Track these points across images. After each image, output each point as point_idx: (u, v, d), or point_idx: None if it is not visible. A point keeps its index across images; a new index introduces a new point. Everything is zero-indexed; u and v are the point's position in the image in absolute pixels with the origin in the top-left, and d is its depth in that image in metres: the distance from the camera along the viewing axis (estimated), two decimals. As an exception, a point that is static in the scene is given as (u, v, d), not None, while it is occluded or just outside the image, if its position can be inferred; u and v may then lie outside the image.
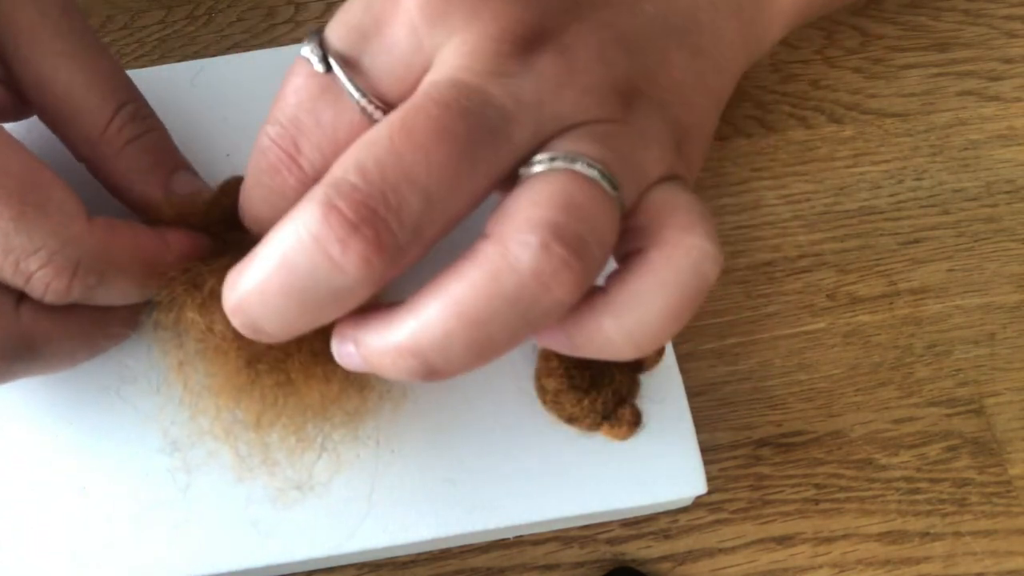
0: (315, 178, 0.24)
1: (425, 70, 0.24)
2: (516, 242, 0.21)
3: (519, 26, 0.24)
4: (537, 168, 0.22)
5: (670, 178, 0.25)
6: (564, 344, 0.24)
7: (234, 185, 0.29)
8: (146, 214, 0.29)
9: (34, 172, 0.25)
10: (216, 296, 0.26)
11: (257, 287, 0.22)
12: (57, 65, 0.28)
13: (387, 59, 0.24)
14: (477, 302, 0.21)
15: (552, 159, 0.22)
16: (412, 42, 0.24)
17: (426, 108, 0.22)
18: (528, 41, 0.24)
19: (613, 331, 0.23)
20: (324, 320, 0.23)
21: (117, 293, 0.27)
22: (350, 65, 0.24)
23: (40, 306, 0.26)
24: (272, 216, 0.25)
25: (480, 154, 0.22)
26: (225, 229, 0.29)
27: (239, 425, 0.27)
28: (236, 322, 0.24)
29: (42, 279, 0.25)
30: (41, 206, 0.25)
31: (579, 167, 0.22)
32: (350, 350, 0.24)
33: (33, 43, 0.27)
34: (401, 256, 0.22)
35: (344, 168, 0.22)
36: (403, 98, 0.24)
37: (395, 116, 0.23)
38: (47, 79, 0.27)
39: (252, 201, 0.26)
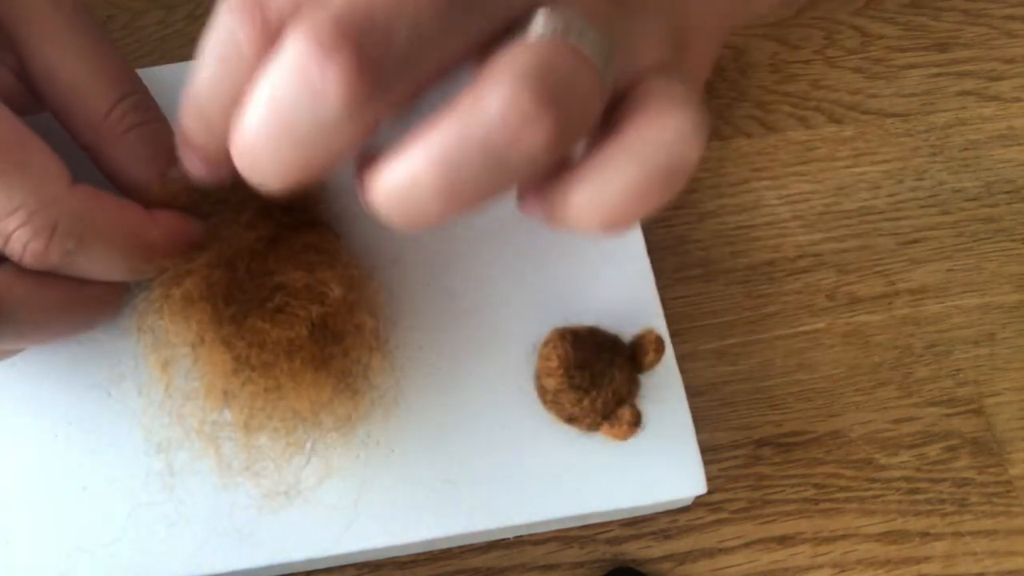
0: (279, 21, 0.21)
1: None
2: (489, 89, 0.20)
3: None
4: (532, 27, 0.21)
5: (665, 71, 0.24)
6: (542, 214, 0.24)
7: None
8: (140, 202, 0.29)
9: (17, 133, 0.25)
10: (195, 299, 0.26)
11: (251, 130, 0.21)
12: (66, 55, 0.28)
13: None
14: (446, 148, 0.20)
15: (543, 23, 0.21)
16: None
17: None
18: None
19: (580, 200, 0.23)
20: (323, 160, 0.21)
21: (98, 262, 0.26)
22: None
23: (19, 271, 0.26)
24: (233, 88, 0.22)
25: None
26: (213, 205, 0.29)
27: (228, 428, 0.27)
28: (243, 171, 0.22)
29: (20, 239, 0.25)
30: (22, 165, 0.25)
31: (569, 34, 0.21)
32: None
33: (44, 34, 0.27)
34: (386, 87, 0.20)
35: None
36: None
37: None
38: (55, 68, 0.28)
39: (205, 80, 0.23)
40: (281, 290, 0.28)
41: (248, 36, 0.21)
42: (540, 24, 0.21)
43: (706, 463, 0.31)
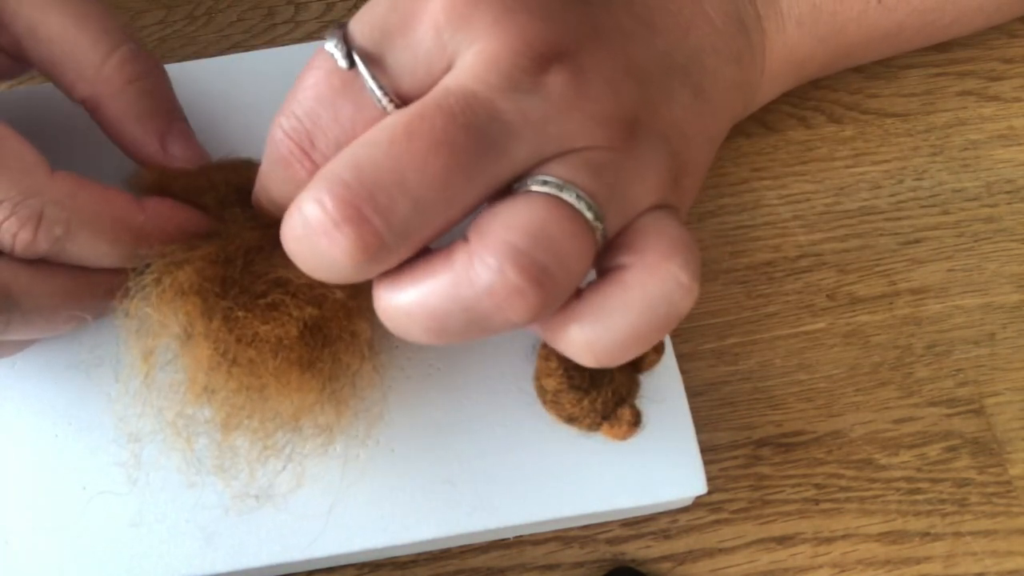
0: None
1: (444, 72, 0.24)
2: (480, 259, 0.22)
3: (539, 42, 0.24)
4: (529, 186, 0.23)
5: (663, 207, 0.26)
6: (536, 331, 0.26)
7: (233, 163, 0.29)
8: (140, 161, 0.29)
9: None
10: (186, 291, 0.26)
11: (286, 244, 0.24)
12: (46, 11, 0.28)
13: (409, 58, 0.24)
14: (438, 300, 0.23)
15: (544, 182, 0.23)
16: (435, 43, 0.24)
17: (431, 116, 0.23)
18: (545, 57, 0.24)
19: (576, 336, 0.24)
20: (341, 281, 0.24)
21: (88, 248, 0.27)
22: (373, 62, 0.24)
23: (20, 261, 0.26)
24: (284, 202, 0.25)
25: (477, 167, 0.23)
26: (220, 205, 0.29)
27: (205, 425, 0.27)
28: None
29: (8, 230, 0.25)
30: None
31: (566, 195, 0.23)
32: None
33: None
34: (387, 254, 0.23)
35: (342, 163, 0.23)
36: (423, 94, 0.24)
37: (400, 118, 0.23)
38: (37, 24, 0.28)
39: (267, 187, 0.27)
40: (280, 287, 0.27)
41: (299, 167, 0.25)
42: (540, 180, 0.23)
43: (706, 463, 0.31)
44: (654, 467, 0.30)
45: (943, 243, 0.38)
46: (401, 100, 0.24)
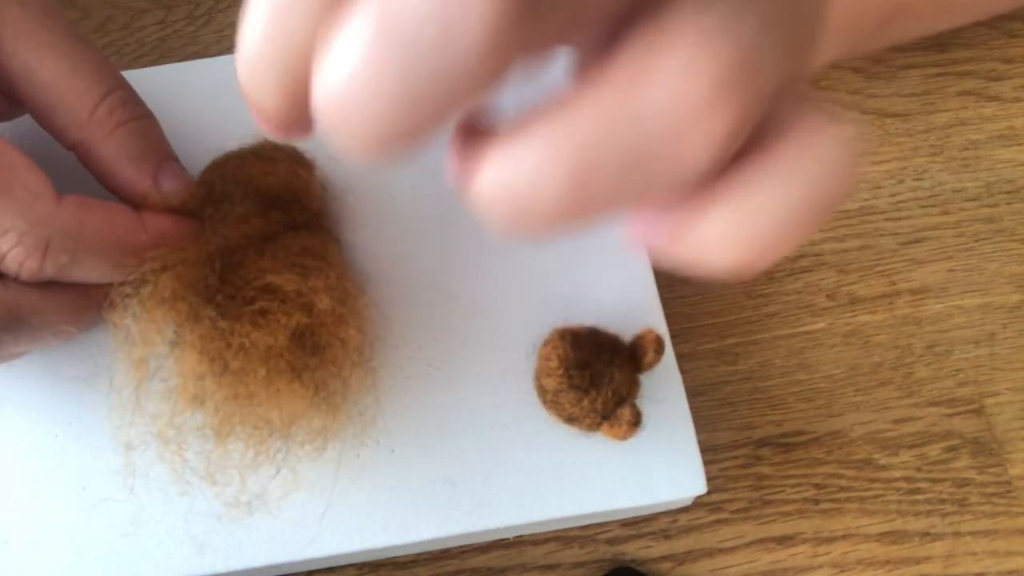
0: None
1: None
2: (662, 53, 0.15)
3: None
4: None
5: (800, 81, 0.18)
6: (657, 243, 0.18)
7: (218, 162, 0.29)
8: (132, 202, 0.29)
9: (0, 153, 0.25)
10: (167, 298, 0.27)
11: (350, 68, 0.14)
12: (43, 54, 0.28)
13: None
14: (590, 133, 0.15)
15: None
16: None
17: None
18: None
19: (717, 229, 0.17)
20: (441, 113, 0.15)
21: (92, 271, 0.27)
22: None
23: (26, 283, 0.26)
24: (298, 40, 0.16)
25: None
26: (205, 205, 0.29)
27: (197, 432, 0.27)
28: (330, 131, 0.15)
29: (15, 259, 0.25)
30: (6, 187, 0.25)
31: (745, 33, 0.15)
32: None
33: (17, 36, 0.27)
34: (542, 9, 0.15)
35: None
36: None
37: None
38: (33, 69, 0.28)
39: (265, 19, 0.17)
40: (269, 293, 0.27)
41: None
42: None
43: (706, 463, 0.31)
44: (654, 467, 0.30)
45: (943, 243, 0.38)
46: None
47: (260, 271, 0.28)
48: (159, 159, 0.29)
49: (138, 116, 0.29)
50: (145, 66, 0.36)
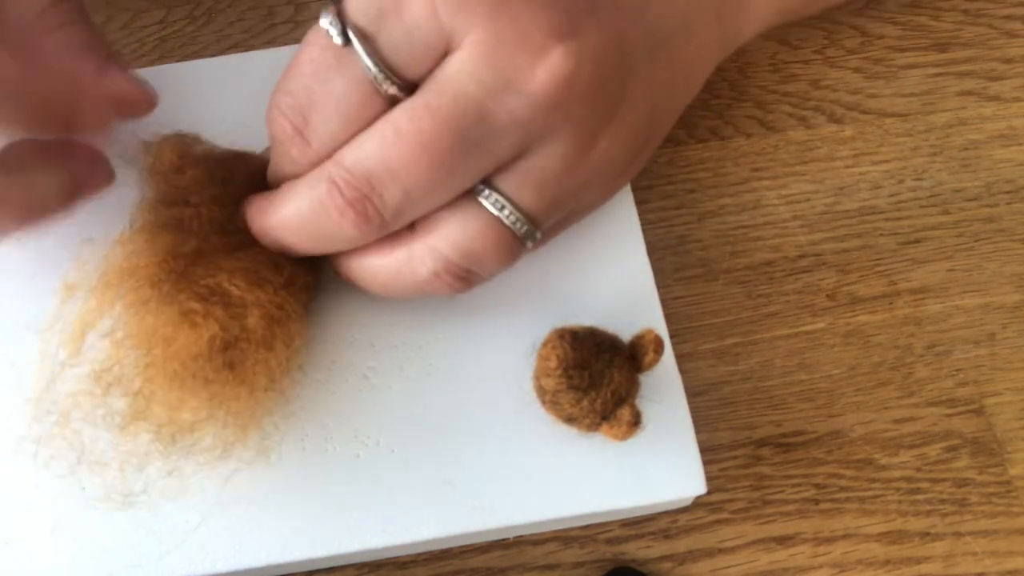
0: (319, 149, 0.27)
1: (441, 53, 0.25)
2: (420, 260, 0.28)
3: (536, 30, 0.25)
4: (478, 195, 0.27)
5: None
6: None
7: (226, 154, 0.31)
8: (78, 95, 0.28)
9: None
10: (126, 279, 0.27)
11: (279, 223, 0.28)
12: None
13: (404, 37, 0.25)
14: (387, 274, 0.29)
15: (492, 199, 0.27)
16: (432, 25, 0.25)
17: (420, 118, 0.25)
18: (540, 47, 0.25)
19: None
20: (333, 249, 0.29)
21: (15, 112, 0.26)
22: (367, 39, 0.25)
23: None
24: (284, 177, 0.28)
25: (461, 165, 0.26)
26: (198, 186, 0.30)
27: (104, 419, 0.28)
28: (262, 241, 0.29)
29: None
30: None
31: (505, 216, 0.27)
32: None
33: None
34: (388, 226, 0.27)
35: (346, 155, 0.26)
36: (417, 76, 0.26)
37: (395, 115, 0.25)
38: None
39: (272, 164, 0.29)
40: (215, 295, 0.28)
41: (291, 147, 0.27)
42: (486, 199, 0.27)
43: (706, 463, 0.31)
44: (654, 467, 0.30)
45: (943, 243, 0.38)
46: (396, 76, 0.26)
47: (218, 269, 0.28)
48: (104, 54, 0.29)
49: (81, 20, 0.30)
50: (145, 66, 0.36)
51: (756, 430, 0.35)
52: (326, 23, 0.26)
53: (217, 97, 0.35)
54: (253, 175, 0.30)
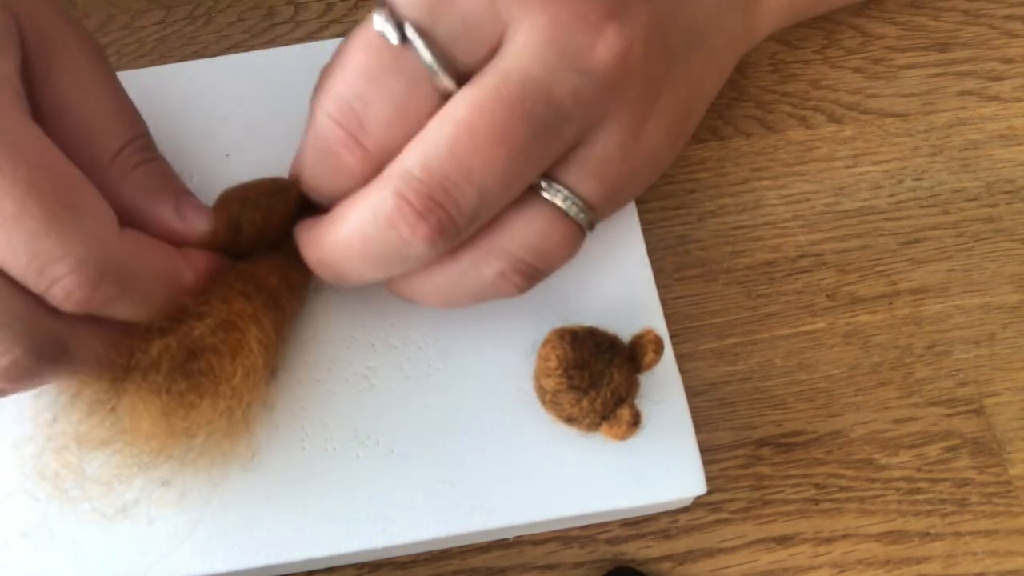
0: (378, 156, 0.26)
1: (498, 40, 0.25)
2: (486, 263, 0.27)
3: (591, 11, 0.25)
4: (541, 192, 0.27)
5: None
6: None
7: (232, 195, 0.29)
8: (159, 234, 0.28)
9: (70, 174, 0.24)
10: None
11: (339, 250, 0.27)
12: (85, 94, 0.27)
13: (461, 28, 0.25)
14: (449, 286, 0.28)
15: (556, 190, 0.27)
16: (488, 13, 0.25)
17: (491, 109, 0.24)
18: (598, 26, 0.25)
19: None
20: (404, 271, 0.28)
21: (132, 308, 0.26)
22: (425, 35, 0.25)
23: (74, 315, 0.25)
24: (333, 191, 0.27)
25: (535, 152, 0.25)
26: (230, 238, 0.29)
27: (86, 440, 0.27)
28: (320, 273, 0.28)
29: (65, 286, 0.24)
30: (74, 209, 0.23)
31: (568, 207, 0.27)
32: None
33: (66, 67, 0.27)
34: (460, 235, 0.26)
35: (412, 162, 0.25)
36: (476, 67, 0.25)
37: (461, 111, 0.25)
38: (71, 105, 0.27)
39: (313, 180, 0.27)
40: (204, 306, 0.27)
41: (348, 155, 0.26)
42: (550, 193, 0.27)
43: (706, 463, 0.31)
44: (654, 467, 0.30)
45: (943, 243, 0.38)
46: (455, 71, 0.25)
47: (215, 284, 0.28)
48: (176, 192, 0.29)
49: (154, 158, 0.29)
50: (145, 66, 0.36)
51: (756, 430, 0.35)
52: (380, 23, 0.25)
53: (217, 97, 0.35)
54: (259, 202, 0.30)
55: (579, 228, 0.28)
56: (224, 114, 0.34)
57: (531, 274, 0.28)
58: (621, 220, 0.34)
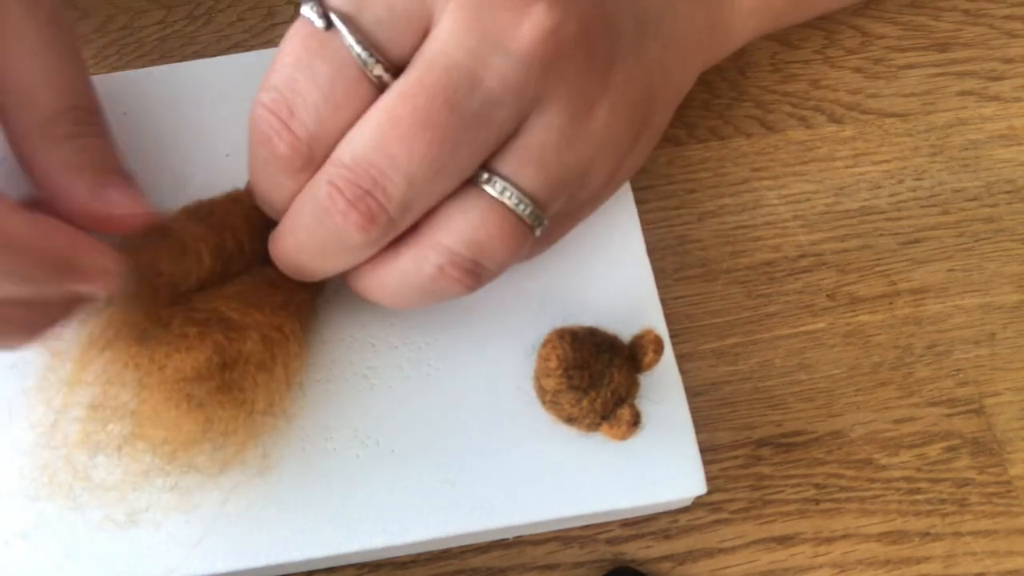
0: (311, 143, 0.25)
1: (424, 28, 0.25)
2: (424, 258, 0.27)
3: None
4: (480, 183, 0.26)
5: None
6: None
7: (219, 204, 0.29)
8: (69, 215, 0.27)
9: None
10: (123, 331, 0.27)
11: (290, 243, 0.27)
12: (21, 60, 0.27)
13: (387, 15, 0.25)
14: (395, 281, 0.28)
15: (492, 182, 0.26)
16: None
17: (414, 97, 0.24)
18: (522, 6, 0.25)
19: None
20: (352, 263, 0.28)
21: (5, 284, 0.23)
22: (350, 21, 0.25)
23: None
24: (271, 186, 0.27)
25: (463, 140, 0.25)
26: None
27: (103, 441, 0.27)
28: (284, 269, 0.28)
29: None
30: None
31: (508, 199, 0.26)
32: None
33: (9, 35, 0.27)
34: (395, 224, 0.26)
35: (342, 151, 0.25)
36: (403, 56, 0.25)
37: (386, 100, 0.25)
38: (9, 69, 0.27)
39: (253, 175, 0.28)
40: (211, 321, 0.27)
41: (279, 141, 0.26)
42: (488, 185, 0.26)
43: (706, 463, 0.31)
44: (654, 467, 0.30)
45: (943, 243, 0.38)
46: (381, 55, 0.25)
47: (216, 296, 0.28)
48: (104, 171, 0.28)
49: (90, 135, 0.28)
50: (145, 66, 0.36)
51: (756, 430, 0.35)
52: (307, 10, 0.25)
53: (217, 97, 0.35)
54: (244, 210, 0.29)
55: (521, 222, 0.27)
56: (224, 114, 0.34)
57: (472, 269, 0.27)
58: (621, 220, 0.34)
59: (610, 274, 0.33)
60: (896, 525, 0.33)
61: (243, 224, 0.29)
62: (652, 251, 0.34)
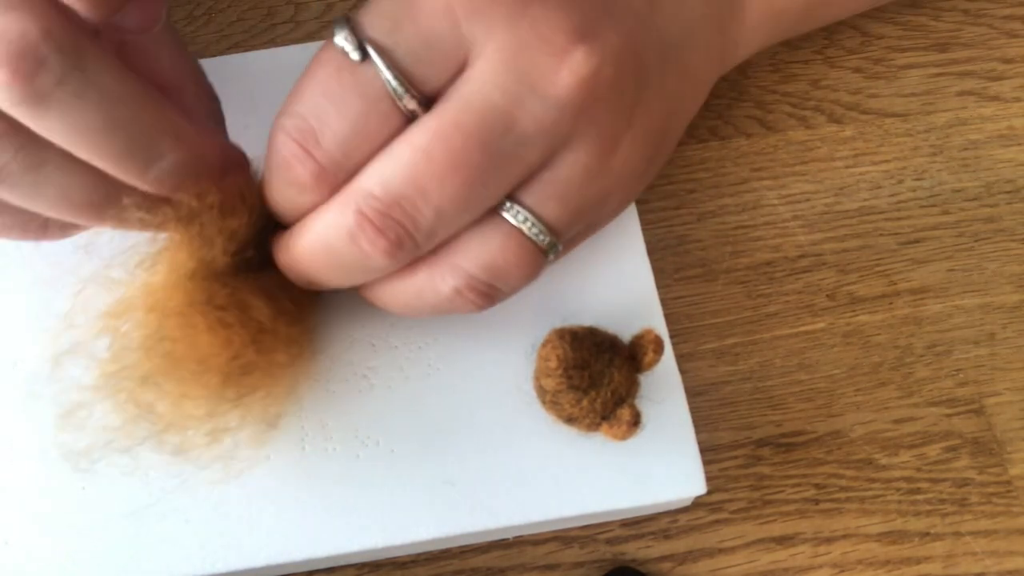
0: (334, 171, 0.25)
1: (460, 63, 0.25)
2: (442, 278, 0.27)
3: (556, 34, 0.25)
4: (502, 212, 0.27)
5: None
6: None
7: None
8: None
9: None
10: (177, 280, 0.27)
11: (306, 257, 0.27)
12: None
13: (424, 49, 0.25)
14: (409, 298, 0.28)
15: (515, 212, 0.27)
16: (451, 34, 0.25)
17: (449, 137, 0.24)
18: (562, 49, 0.25)
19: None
20: (369, 280, 0.28)
21: (84, 117, 0.22)
22: (385, 53, 0.24)
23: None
24: (288, 205, 0.27)
25: (492, 179, 0.25)
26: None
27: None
28: (290, 276, 0.29)
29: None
30: None
31: (528, 229, 0.27)
32: None
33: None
34: (419, 248, 0.26)
35: (372, 181, 0.25)
36: (435, 89, 0.25)
37: (420, 138, 0.25)
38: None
39: (270, 194, 0.27)
40: (234, 307, 0.27)
41: (301, 169, 0.25)
42: (510, 214, 0.27)
43: (706, 463, 0.31)
44: (654, 467, 0.30)
45: (943, 243, 0.38)
46: (415, 88, 0.25)
47: (239, 287, 0.28)
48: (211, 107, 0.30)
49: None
50: (145, 66, 0.36)
51: (756, 430, 0.35)
52: (341, 40, 0.25)
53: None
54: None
55: (538, 249, 0.27)
56: (224, 114, 0.34)
57: (487, 292, 0.28)
58: (621, 220, 0.34)
59: (610, 274, 0.33)
60: (896, 525, 0.33)
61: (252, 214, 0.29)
62: (652, 251, 0.34)
